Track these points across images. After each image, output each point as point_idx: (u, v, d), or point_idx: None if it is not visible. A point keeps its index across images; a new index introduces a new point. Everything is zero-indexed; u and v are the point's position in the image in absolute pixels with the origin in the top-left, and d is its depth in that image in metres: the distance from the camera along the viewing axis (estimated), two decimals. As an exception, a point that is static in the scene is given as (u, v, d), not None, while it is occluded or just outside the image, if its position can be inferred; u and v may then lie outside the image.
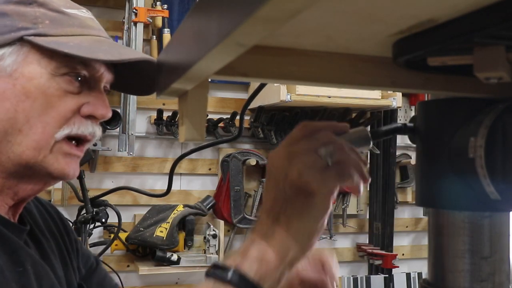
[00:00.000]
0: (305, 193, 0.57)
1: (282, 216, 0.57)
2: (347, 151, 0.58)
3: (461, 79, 0.55)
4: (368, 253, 2.65)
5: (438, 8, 0.40)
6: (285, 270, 0.57)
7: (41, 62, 0.74)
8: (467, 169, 0.50)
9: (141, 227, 2.28)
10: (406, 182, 2.81)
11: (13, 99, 0.72)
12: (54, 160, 0.75)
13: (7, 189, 0.75)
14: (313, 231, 0.58)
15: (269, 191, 0.59)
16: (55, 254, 0.84)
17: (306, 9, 0.30)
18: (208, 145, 1.79)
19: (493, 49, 0.42)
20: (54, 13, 0.76)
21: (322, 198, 0.57)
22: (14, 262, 0.70)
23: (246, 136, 2.56)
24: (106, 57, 0.74)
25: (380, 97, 2.33)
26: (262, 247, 0.57)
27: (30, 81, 0.73)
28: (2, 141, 0.72)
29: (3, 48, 0.73)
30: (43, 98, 0.73)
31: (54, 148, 0.74)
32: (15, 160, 0.73)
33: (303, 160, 0.57)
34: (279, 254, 0.57)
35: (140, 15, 2.25)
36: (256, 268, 0.56)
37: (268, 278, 0.56)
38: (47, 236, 0.85)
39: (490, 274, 0.54)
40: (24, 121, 0.72)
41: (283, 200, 0.57)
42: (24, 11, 0.75)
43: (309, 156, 0.57)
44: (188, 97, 0.59)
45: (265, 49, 0.53)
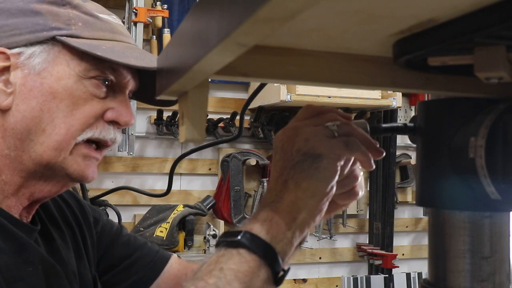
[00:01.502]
0: (313, 156, 0.57)
1: (290, 181, 0.57)
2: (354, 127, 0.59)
3: (461, 79, 0.55)
4: (368, 253, 2.65)
5: (438, 8, 0.40)
6: (296, 232, 0.56)
7: (70, 63, 0.74)
8: (467, 169, 0.50)
9: (141, 227, 2.28)
10: (406, 182, 2.80)
11: (40, 98, 0.72)
12: (73, 162, 0.75)
13: (24, 189, 0.75)
14: (321, 193, 0.57)
15: (277, 162, 0.59)
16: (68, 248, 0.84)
17: (306, 9, 0.30)
18: (208, 145, 1.79)
19: (494, 49, 0.42)
20: (87, 16, 0.77)
21: (329, 161, 0.57)
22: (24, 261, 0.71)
23: (246, 136, 2.55)
24: (138, 63, 0.75)
25: (380, 97, 2.33)
26: (271, 211, 0.56)
27: (58, 81, 0.73)
28: (25, 140, 0.72)
29: (34, 47, 0.73)
30: (70, 99, 0.73)
31: (74, 150, 0.74)
32: (36, 160, 0.73)
33: (310, 129, 0.58)
34: (289, 216, 0.56)
35: (140, 15, 2.25)
36: (267, 229, 0.54)
37: (280, 238, 0.55)
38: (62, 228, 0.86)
39: (490, 274, 0.54)
40: (48, 120, 0.72)
41: (291, 167, 0.57)
42: (58, 11, 0.75)
43: (316, 127, 0.58)
44: (188, 97, 0.59)
45: (265, 49, 0.53)
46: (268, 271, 0.53)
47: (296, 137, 0.58)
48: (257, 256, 0.53)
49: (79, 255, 0.86)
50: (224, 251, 0.54)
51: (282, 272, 0.55)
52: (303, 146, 0.57)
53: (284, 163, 0.58)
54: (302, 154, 0.57)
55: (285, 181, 0.57)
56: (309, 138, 0.57)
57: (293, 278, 2.67)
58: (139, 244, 0.99)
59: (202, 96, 0.59)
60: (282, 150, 0.59)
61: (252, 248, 0.53)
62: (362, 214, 2.78)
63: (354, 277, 2.49)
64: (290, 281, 2.66)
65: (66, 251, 0.83)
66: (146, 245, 1.00)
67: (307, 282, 2.69)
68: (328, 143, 0.57)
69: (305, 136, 0.57)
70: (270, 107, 2.42)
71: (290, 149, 0.58)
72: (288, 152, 0.58)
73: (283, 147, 0.59)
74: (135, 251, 0.97)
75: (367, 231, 2.79)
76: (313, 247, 2.66)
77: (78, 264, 0.85)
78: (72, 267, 0.82)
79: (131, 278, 0.95)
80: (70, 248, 0.85)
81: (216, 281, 0.51)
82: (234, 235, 0.54)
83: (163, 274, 0.97)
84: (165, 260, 0.99)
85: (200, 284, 0.52)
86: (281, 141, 0.60)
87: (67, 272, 0.79)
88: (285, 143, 0.59)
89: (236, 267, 0.52)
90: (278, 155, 0.59)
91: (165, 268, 0.98)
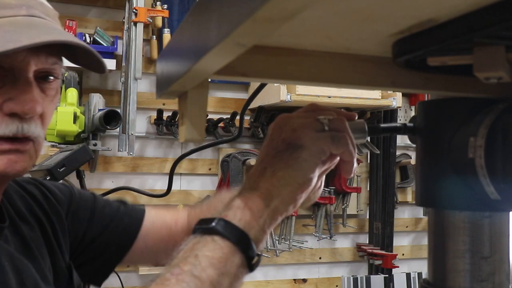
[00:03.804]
0: (295, 147, 0.57)
1: (269, 168, 0.58)
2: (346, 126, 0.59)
3: (461, 79, 0.55)
4: (368, 253, 2.65)
5: (438, 8, 0.40)
6: (269, 218, 0.56)
7: None
8: (467, 169, 0.50)
9: (141, 227, 2.28)
10: (406, 182, 2.80)
11: None
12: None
13: None
14: (296, 183, 0.57)
15: (263, 149, 0.60)
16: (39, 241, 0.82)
17: (306, 9, 0.30)
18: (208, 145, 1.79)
19: (493, 49, 0.42)
20: None
21: (310, 153, 0.57)
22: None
23: (246, 136, 2.55)
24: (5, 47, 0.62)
25: (380, 97, 2.33)
26: (244, 197, 0.56)
27: None
28: None
29: None
30: None
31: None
32: None
33: (300, 121, 0.58)
34: (262, 202, 0.56)
35: (140, 15, 2.25)
36: (240, 216, 0.55)
37: (253, 225, 0.55)
38: (31, 223, 0.83)
39: (490, 274, 0.54)
40: None
41: (273, 155, 0.58)
42: None
43: (305, 118, 0.58)
44: (188, 97, 0.59)
45: (265, 49, 0.53)
46: (242, 257, 0.54)
47: (285, 126, 0.59)
48: (230, 243, 0.54)
49: (50, 246, 0.84)
50: (200, 238, 0.54)
51: (256, 258, 0.55)
52: (288, 136, 0.58)
53: (267, 150, 0.59)
54: (286, 144, 0.58)
55: (264, 168, 0.58)
56: (296, 129, 0.57)
57: (293, 278, 2.67)
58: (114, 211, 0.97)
59: (202, 96, 0.59)
60: (269, 138, 0.60)
61: (226, 234, 0.54)
62: (362, 214, 2.78)
63: (354, 277, 2.49)
64: (290, 281, 2.66)
65: (37, 245, 0.81)
66: (119, 211, 0.97)
67: (307, 282, 2.69)
68: (314, 135, 0.57)
69: (293, 127, 0.58)
70: (270, 107, 2.42)
71: (277, 137, 0.59)
72: (274, 140, 0.59)
73: (272, 135, 0.60)
74: (110, 221, 0.95)
75: (367, 231, 2.79)
76: (313, 247, 2.66)
77: (50, 256, 0.83)
78: (44, 260, 0.81)
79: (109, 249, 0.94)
80: (41, 241, 0.82)
81: (191, 268, 0.52)
82: (208, 222, 0.55)
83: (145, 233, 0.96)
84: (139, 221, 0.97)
85: (175, 271, 0.52)
86: (272, 129, 0.60)
87: (39, 267, 0.78)
88: (275, 131, 0.60)
89: (211, 253, 0.53)
90: (265, 141, 0.60)
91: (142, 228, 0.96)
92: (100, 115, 2.00)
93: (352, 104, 2.29)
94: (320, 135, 0.57)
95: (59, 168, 1.56)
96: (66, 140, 2.07)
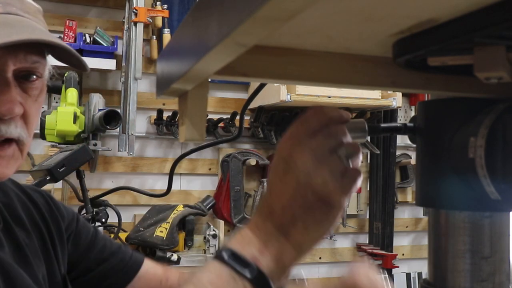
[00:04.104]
0: (326, 204, 0.55)
1: (300, 222, 0.55)
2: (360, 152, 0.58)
3: (461, 79, 0.55)
4: (368, 253, 2.65)
5: (438, 8, 0.40)
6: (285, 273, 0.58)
7: None
8: (467, 169, 0.50)
9: (141, 227, 2.28)
10: (406, 182, 2.80)
11: None
12: None
13: None
14: (323, 236, 0.57)
15: (287, 185, 0.55)
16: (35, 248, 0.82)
17: (306, 9, 0.30)
18: (208, 145, 1.79)
19: (493, 49, 0.42)
20: None
21: (338, 211, 0.56)
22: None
23: (246, 136, 2.56)
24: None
25: (380, 97, 2.33)
26: (279, 247, 0.56)
27: None
28: None
29: None
30: None
31: None
32: None
33: (329, 166, 0.54)
34: (294, 256, 0.56)
35: (140, 15, 2.25)
36: (272, 268, 0.55)
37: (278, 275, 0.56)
38: (28, 228, 0.83)
39: (490, 274, 0.54)
40: None
41: (303, 205, 0.55)
42: None
43: (333, 161, 0.55)
44: (188, 97, 0.59)
45: (265, 49, 0.53)
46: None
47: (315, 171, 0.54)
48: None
49: (47, 256, 0.84)
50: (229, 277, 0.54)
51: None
52: (320, 190, 0.54)
53: (295, 195, 0.55)
54: (318, 199, 0.55)
55: (294, 218, 0.55)
56: (327, 182, 0.54)
57: (293, 278, 2.67)
58: (115, 248, 0.98)
59: (202, 96, 0.59)
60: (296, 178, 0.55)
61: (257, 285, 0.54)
62: (362, 214, 2.78)
63: (354, 277, 2.48)
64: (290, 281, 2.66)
65: (33, 253, 0.80)
66: (120, 249, 0.99)
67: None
68: (341, 185, 0.55)
69: (323, 175, 0.54)
70: (270, 107, 2.42)
71: (305, 184, 0.54)
72: (302, 187, 0.54)
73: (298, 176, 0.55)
74: (112, 255, 0.96)
75: (367, 231, 2.79)
76: (313, 247, 2.66)
77: (46, 265, 0.83)
78: (38, 268, 0.80)
79: (105, 281, 0.94)
80: (37, 249, 0.82)
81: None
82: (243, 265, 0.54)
83: (137, 278, 0.97)
84: (139, 264, 0.98)
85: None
86: (296, 164, 0.55)
87: (32, 273, 0.77)
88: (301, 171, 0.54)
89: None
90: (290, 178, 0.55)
91: (138, 272, 0.98)
92: (100, 115, 2.00)
93: (352, 104, 2.29)
94: (345, 183, 0.55)
95: (59, 168, 1.56)
96: (66, 140, 2.07)
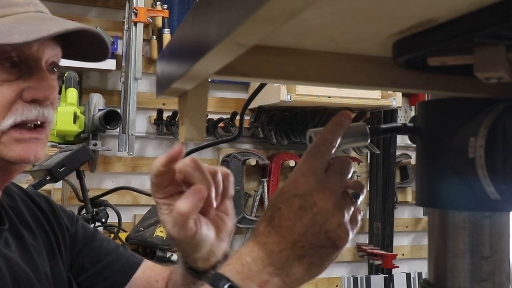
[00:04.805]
0: (334, 246, 0.57)
1: (307, 258, 0.56)
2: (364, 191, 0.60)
3: (461, 79, 0.55)
4: (368, 253, 2.65)
5: (438, 8, 0.40)
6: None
7: None
8: (467, 169, 0.50)
9: (141, 227, 2.28)
10: (406, 182, 2.80)
11: None
12: (8, 150, 0.74)
13: None
14: (319, 275, 0.59)
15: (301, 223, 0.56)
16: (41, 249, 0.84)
17: (306, 9, 0.30)
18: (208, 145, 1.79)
19: (493, 49, 0.42)
20: None
21: (340, 252, 0.58)
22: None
23: (246, 136, 2.55)
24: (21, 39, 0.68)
25: (380, 97, 2.33)
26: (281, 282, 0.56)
27: None
28: None
29: None
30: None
31: (3, 138, 0.73)
32: None
33: (344, 209, 0.57)
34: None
35: (140, 15, 2.25)
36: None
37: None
38: (35, 231, 0.85)
39: (490, 274, 0.54)
40: None
41: (313, 244, 0.56)
42: None
43: (347, 204, 0.58)
44: (188, 97, 0.59)
45: (265, 49, 0.53)
46: None
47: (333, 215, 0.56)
48: None
49: (53, 256, 0.86)
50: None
51: None
52: (333, 230, 0.56)
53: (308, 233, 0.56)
54: (328, 238, 0.56)
55: (301, 256, 0.56)
56: (342, 224, 0.56)
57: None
58: (111, 249, 0.99)
59: (202, 96, 0.59)
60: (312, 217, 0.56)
61: None
62: (362, 214, 2.77)
63: (354, 277, 2.49)
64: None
65: (38, 252, 0.83)
66: (118, 249, 1.00)
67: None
68: (349, 229, 0.58)
69: (340, 220, 0.56)
70: (270, 107, 2.42)
71: (320, 225, 0.55)
72: (317, 226, 0.55)
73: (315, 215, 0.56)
74: (107, 255, 0.97)
75: (367, 231, 2.79)
76: (313, 247, 2.66)
77: (52, 266, 0.85)
78: (44, 268, 0.82)
79: (103, 283, 0.95)
80: (42, 250, 0.84)
81: None
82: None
83: (134, 279, 0.97)
84: (136, 265, 0.99)
85: None
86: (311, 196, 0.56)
87: (38, 274, 0.79)
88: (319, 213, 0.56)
89: None
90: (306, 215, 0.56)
91: (136, 273, 0.98)
92: (100, 115, 2.00)
93: (352, 104, 2.29)
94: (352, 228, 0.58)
95: (59, 168, 1.56)
96: (66, 140, 2.07)
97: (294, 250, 0.56)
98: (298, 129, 2.47)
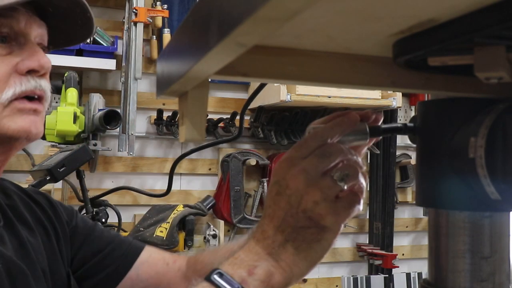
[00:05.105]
0: (317, 225, 0.56)
1: (291, 243, 0.56)
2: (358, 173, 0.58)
3: (461, 79, 0.55)
4: (368, 253, 2.65)
5: (438, 8, 0.40)
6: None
7: None
8: (467, 169, 0.50)
9: (141, 227, 2.28)
10: (406, 182, 2.80)
11: None
12: (11, 122, 0.74)
13: None
14: (316, 261, 0.58)
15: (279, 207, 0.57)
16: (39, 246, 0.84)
17: (306, 9, 0.30)
18: (208, 145, 1.79)
19: (493, 49, 0.42)
20: None
21: (332, 235, 0.57)
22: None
23: (246, 136, 2.55)
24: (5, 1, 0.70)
25: (380, 97, 2.33)
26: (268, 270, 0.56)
27: None
28: None
29: None
30: None
31: (5, 112, 0.74)
32: None
33: (320, 187, 0.55)
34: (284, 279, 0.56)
35: (140, 15, 2.25)
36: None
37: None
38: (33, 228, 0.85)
39: (490, 274, 0.54)
40: None
41: (294, 226, 0.56)
42: None
43: (325, 183, 0.55)
44: (188, 97, 0.59)
45: (265, 49, 0.53)
46: None
47: (305, 192, 0.55)
48: None
49: (52, 253, 0.86)
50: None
51: None
52: (309, 209, 0.55)
53: (287, 216, 0.56)
54: (308, 219, 0.55)
55: (285, 240, 0.56)
56: (319, 202, 0.55)
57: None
58: (112, 237, 0.99)
59: (202, 96, 0.59)
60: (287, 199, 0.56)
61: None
62: (362, 214, 2.78)
63: (354, 277, 2.49)
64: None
65: (36, 250, 0.83)
66: (119, 237, 1.00)
67: (307, 282, 2.69)
68: (334, 209, 0.55)
69: (314, 197, 0.55)
70: (270, 107, 2.42)
71: (296, 206, 0.55)
72: (294, 208, 0.55)
73: (289, 197, 0.56)
74: (108, 244, 0.97)
75: (367, 231, 2.79)
76: (313, 247, 2.66)
77: (50, 262, 0.85)
78: (41, 265, 0.82)
79: (105, 270, 0.95)
80: (41, 246, 0.84)
81: None
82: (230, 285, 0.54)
83: (139, 263, 0.97)
84: (139, 249, 0.99)
85: None
86: (284, 179, 0.56)
87: (34, 271, 0.79)
88: (292, 192, 0.56)
89: None
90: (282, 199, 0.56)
91: (140, 257, 0.98)
92: (100, 115, 2.00)
93: (352, 104, 2.29)
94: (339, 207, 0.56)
95: (59, 168, 1.56)
96: (66, 140, 2.07)
97: (277, 235, 0.56)
98: (298, 129, 2.47)
